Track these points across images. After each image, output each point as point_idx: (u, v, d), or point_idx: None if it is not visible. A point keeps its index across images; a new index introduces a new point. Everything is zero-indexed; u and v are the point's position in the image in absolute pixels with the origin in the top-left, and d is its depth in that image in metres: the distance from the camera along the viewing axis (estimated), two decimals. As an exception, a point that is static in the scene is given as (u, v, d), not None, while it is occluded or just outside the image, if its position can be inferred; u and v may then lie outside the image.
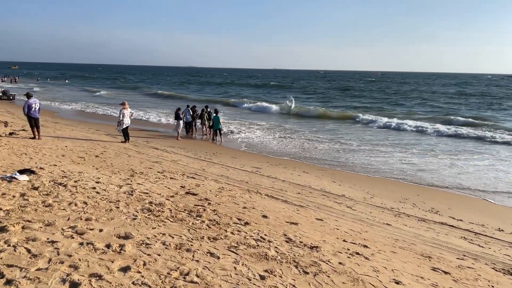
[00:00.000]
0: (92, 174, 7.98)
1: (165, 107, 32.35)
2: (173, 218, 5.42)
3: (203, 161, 12.43)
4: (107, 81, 79.82)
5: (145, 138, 16.64)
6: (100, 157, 10.54)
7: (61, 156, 9.92)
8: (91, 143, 13.15)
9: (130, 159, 10.95)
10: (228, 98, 43.34)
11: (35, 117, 12.29)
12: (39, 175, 7.02)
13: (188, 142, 17.41)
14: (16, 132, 12.86)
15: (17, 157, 8.73)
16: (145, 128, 20.50)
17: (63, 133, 15.03)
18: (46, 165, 8.22)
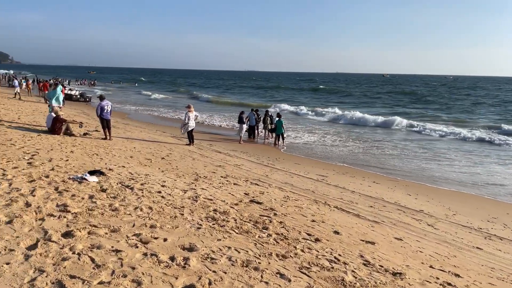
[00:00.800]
0: (158, 177, 7.94)
1: (226, 111, 32.71)
2: (239, 230, 5.07)
3: (266, 166, 12.08)
4: (171, 85, 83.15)
5: (208, 141, 16.71)
6: (166, 160, 10.60)
7: (129, 157, 10.10)
8: (157, 145, 13.39)
9: (194, 162, 10.91)
10: (277, 103, 42.72)
11: (107, 119, 12.76)
12: (108, 177, 7.07)
13: (250, 146, 17.21)
14: (90, 133, 13.46)
15: (88, 157, 8.98)
16: (208, 131, 20.67)
17: (132, 134, 15.53)
18: (115, 166, 8.34)
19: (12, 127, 12.23)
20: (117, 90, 59.32)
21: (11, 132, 11.06)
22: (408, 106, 43.71)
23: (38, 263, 3.37)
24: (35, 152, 8.54)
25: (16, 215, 4.44)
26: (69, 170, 7.27)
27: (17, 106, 20.64)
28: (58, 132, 11.97)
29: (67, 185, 6.12)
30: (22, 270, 3.21)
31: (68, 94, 32.50)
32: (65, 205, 5.06)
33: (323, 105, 40.46)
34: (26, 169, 6.79)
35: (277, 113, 19.19)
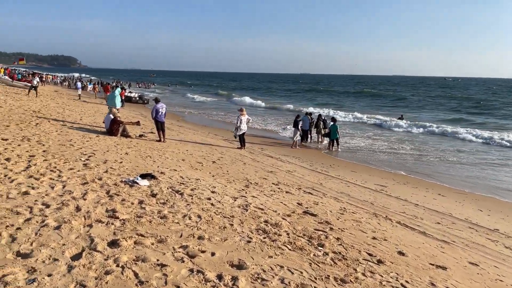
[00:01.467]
0: (209, 182, 7.74)
1: (277, 115, 32.36)
2: (292, 245, 4.66)
3: (319, 173, 11.53)
4: (223, 88, 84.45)
5: (260, 145, 16.44)
6: (217, 163, 10.44)
7: (181, 160, 10.06)
8: (209, 148, 13.34)
9: (245, 167, 10.65)
10: (329, 107, 41.41)
11: (161, 121, 12.91)
12: (159, 181, 6.97)
13: (302, 151, 16.69)
14: (145, 135, 13.71)
15: (142, 160, 9.02)
16: (260, 135, 20.41)
17: (186, 137, 15.66)
18: (167, 170, 8.27)
19: (74, 128, 12.75)
20: (171, 92, 61.30)
21: (72, 133, 11.50)
22: (470, 111, 40.67)
23: (81, 276, 3.19)
24: (92, 153, 8.71)
25: (65, 220, 4.37)
26: (122, 172, 7.27)
27: (81, 107, 21.74)
28: (115, 133, 12.28)
29: (119, 189, 6.07)
30: (63, 284, 3.04)
31: (127, 96, 33.92)
32: (114, 210, 4.95)
33: (378, 110, 38.85)
34: (81, 171, 6.87)
35: (331, 117, 18.55)
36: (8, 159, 7.01)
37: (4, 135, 9.44)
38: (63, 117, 15.47)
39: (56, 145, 9.17)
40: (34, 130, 10.90)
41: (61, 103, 22.27)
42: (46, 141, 9.39)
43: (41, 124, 12.28)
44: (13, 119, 12.60)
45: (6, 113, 13.88)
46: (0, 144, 8.31)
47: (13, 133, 9.92)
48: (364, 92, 70.42)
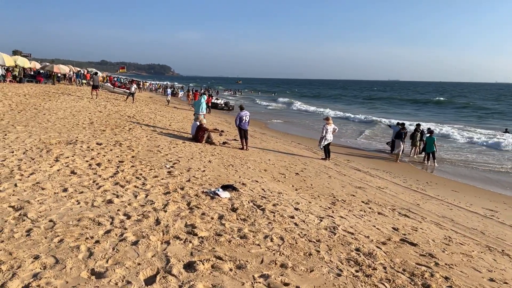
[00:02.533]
0: (292, 196, 7.23)
1: (365, 124, 30.71)
2: (390, 284, 3.91)
3: (415, 192, 10.34)
4: (310, 97, 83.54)
5: (346, 156, 15.51)
6: (300, 175, 9.90)
7: (263, 170, 9.71)
8: (292, 157, 12.85)
9: (330, 181, 9.94)
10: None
11: (244, 129, 12.77)
12: (240, 193, 6.64)
13: (394, 164, 15.36)
14: (229, 142, 13.70)
15: (224, 169, 8.84)
16: (345, 145, 19.36)
17: (268, 145, 15.38)
18: (248, 181, 7.95)
19: (163, 134, 13.19)
20: (254, 99, 62.27)
21: (160, 139, 11.85)
22: None
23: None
24: (177, 160, 8.75)
25: (144, 234, 4.17)
26: (204, 182, 7.09)
27: (171, 113, 22.80)
28: (200, 140, 12.41)
29: (199, 200, 5.83)
30: (132, 315, 2.74)
31: (214, 103, 35.07)
32: (193, 225, 4.67)
33: (471, 122, 34.93)
34: (165, 179, 6.82)
35: (428, 129, 16.84)
36: (99, 164, 7.25)
37: (99, 139, 9.99)
38: (154, 122, 16.21)
39: (145, 150, 9.42)
40: (127, 135, 11.43)
41: (154, 109, 23.60)
42: (136, 147, 9.71)
43: (133, 129, 12.91)
44: (110, 124, 13.44)
45: (105, 118, 14.91)
46: (95, 148, 8.73)
47: (108, 138, 10.47)
48: (446, 102, 63.82)
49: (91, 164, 7.17)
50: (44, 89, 25.80)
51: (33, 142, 8.62)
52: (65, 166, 6.76)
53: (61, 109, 16.10)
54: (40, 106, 16.10)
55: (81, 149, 8.45)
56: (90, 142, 9.49)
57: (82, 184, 5.80)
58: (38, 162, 6.82)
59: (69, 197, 5.10)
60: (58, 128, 11.12)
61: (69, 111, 15.53)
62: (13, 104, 15.68)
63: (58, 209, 4.64)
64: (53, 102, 18.45)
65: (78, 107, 17.75)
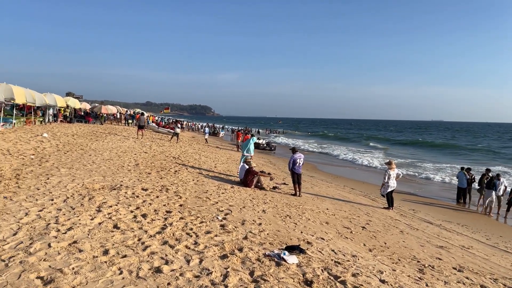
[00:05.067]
0: (369, 261, 5.94)
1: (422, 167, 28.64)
2: None
3: (506, 252, 8.66)
4: (356, 137, 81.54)
5: (409, 204, 13.91)
6: (368, 230, 8.56)
7: (325, 223, 8.48)
8: (351, 206, 11.50)
9: (404, 237, 8.51)
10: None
11: (298, 173, 11.69)
12: (308, 257, 5.45)
13: (464, 215, 13.55)
14: (279, 186, 12.62)
15: (281, 221, 7.71)
16: (405, 190, 17.56)
17: (320, 190, 14.13)
18: (313, 238, 6.76)
19: (209, 176, 12.35)
20: (299, 140, 61.29)
21: (208, 182, 10.98)
22: None
23: None
24: (228, 210, 7.74)
25: (203, 328, 3.10)
26: (264, 240, 5.98)
27: (214, 153, 22.20)
28: (249, 184, 11.43)
29: (264, 268, 4.71)
30: None
31: (256, 143, 34.41)
32: (264, 311, 3.54)
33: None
34: (219, 236, 5.79)
35: (496, 175, 15.00)
36: (144, 215, 6.37)
37: (145, 184, 9.24)
38: (199, 164, 15.50)
39: (193, 197, 8.52)
40: (173, 179, 10.66)
41: (198, 149, 23.14)
42: (183, 193, 8.84)
43: (179, 172, 12.17)
44: (155, 166, 12.81)
45: (150, 159, 14.38)
46: (140, 195, 7.93)
47: (153, 182, 9.72)
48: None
49: (136, 215, 6.30)
50: (92, 129, 26.24)
51: (76, 188, 7.96)
52: (108, 218, 5.92)
53: (107, 149, 15.83)
54: (87, 147, 15.92)
55: (126, 196, 7.66)
56: (135, 187, 8.74)
57: (125, 243, 4.88)
58: (78, 213, 6.03)
59: (110, 263, 4.16)
60: (102, 170, 10.55)
61: (114, 152, 15.18)
62: (60, 144, 15.58)
63: (96, 281, 3.70)
64: (100, 142, 18.35)
65: (124, 147, 17.48)
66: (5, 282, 3.42)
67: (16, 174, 8.72)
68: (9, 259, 4.00)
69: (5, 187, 7.38)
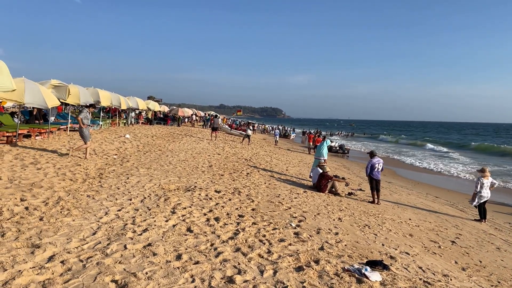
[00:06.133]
0: (463, 282, 5.19)
1: None
2: None
3: None
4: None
5: (505, 217, 12.34)
6: (458, 245, 7.63)
7: (408, 235, 7.72)
8: (436, 217, 10.46)
9: (501, 255, 7.45)
10: None
11: (376, 179, 10.92)
12: (393, 274, 4.89)
13: None
14: (355, 192, 11.95)
15: (360, 231, 7.15)
16: (502, 202, 15.53)
17: (400, 198, 13.13)
18: (396, 252, 6.13)
19: (281, 180, 12.08)
20: (370, 142, 58.70)
21: (280, 186, 10.71)
22: None
23: None
24: (302, 216, 7.38)
25: None
26: (342, 252, 5.52)
27: (285, 156, 21.92)
28: (323, 190, 10.94)
29: (343, 285, 4.28)
30: None
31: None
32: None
33: None
34: (293, 245, 5.45)
35: None
36: (217, 218, 6.26)
37: (218, 186, 9.23)
38: (271, 166, 15.32)
39: (265, 201, 8.29)
40: (245, 181, 10.56)
41: (269, 151, 23.05)
42: (255, 196, 8.66)
43: (251, 174, 12.07)
44: (228, 168, 12.87)
45: (223, 161, 14.52)
46: (213, 197, 7.89)
47: (226, 184, 9.68)
48: None
49: (209, 218, 6.22)
50: (169, 131, 27.49)
51: (153, 188, 8.16)
52: (182, 221, 5.90)
53: (182, 150, 16.34)
54: (164, 148, 16.58)
55: (199, 198, 7.67)
56: (208, 188, 8.75)
57: (198, 248, 4.76)
58: (154, 214, 6.10)
59: (183, 270, 4.04)
60: (178, 171, 10.80)
61: (190, 153, 15.60)
62: (140, 145, 16.42)
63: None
64: (176, 144, 19.06)
65: (198, 148, 17.95)
66: (81, 284, 3.44)
67: (100, 173, 9.23)
68: (87, 259, 4.06)
69: (89, 185, 7.79)
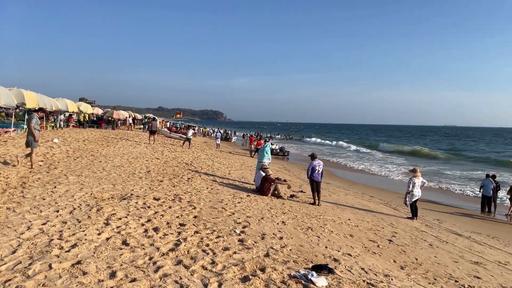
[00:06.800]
0: (404, 281, 5.33)
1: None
2: None
3: (548, 269, 7.91)
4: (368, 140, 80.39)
5: (433, 214, 13.18)
6: (396, 244, 7.93)
7: (349, 236, 7.87)
8: (373, 216, 10.85)
9: (435, 251, 7.86)
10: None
11: (317, 181, 11.10)
12: (338, 278, 4.87)
13: (490, 225, 12.77)
14: (296, 195, 12.05)
15: (303, 234, 7.14)
16: (429, 199, 16.56)
17: (339, 198, 13.50)
18: (339, 254, 6.17)
19: (224, 184, 11.84)
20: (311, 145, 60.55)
21: (222, 191, 10.47)
22: None
23: None
24: (246, 222, 7.19)
25: None
26: (287, 258, 5.41)
27: (227, 159, 21.70)
28: (266, 193, 10.88)
29: (290, 293, 4.16)
30: None
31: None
32: None
33: None
34: (238, 253, 5.24)
35: None
36: (156, 229, 5.86)
37: (157, 193, 8.75)
38: (213, 170, 15.01)
39: (207, 207, 8.00)
40: (186, 187, 10.17)
41: (210, 154, 22.68)
42: (197, 202, 8.34)
43: (192, 179, 11.69)
44: (167, 173, 12.36)
45: (162, 166, 13.94)
46: (152, 205, 7.43)
47: (166, 190, 9.24)
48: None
49: (147, 229, 5.80)
50: (103, 134, 26.00)
51: (84, 197, 7.50)
52: (116, 233, 5.43)
53: (118, 155, 15.45)
54: (97, 153, 15.56)
55: (136, 207, 7.17)
56: (146, 196, 8.26)
57: (135, 263, 4.36)
58: (84, 227, 5.55)
59: (117, 290, 3.65)
60: (113, 178, 10.12)
61: (125, 158, 14.79)
62: (70, 150, 15.24)
63: (100, 313, 3.18)
64: (111, 148, 18.01)
65: (135, 153, 17.10)
66: (-6, 316, 2.94)
67: (22, 182, 8.33)
68: (5, 283, 3.52)
69: (10, 196, 6.97)
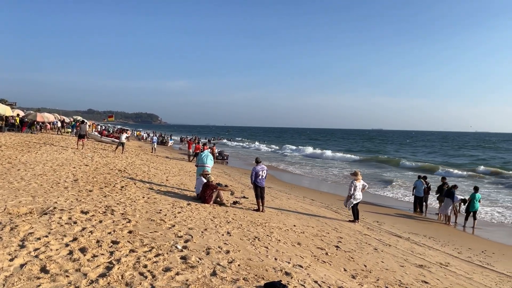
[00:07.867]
0: (359, 293, 5.08)
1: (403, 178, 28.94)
2: None
3: (482, 268, 8.28)
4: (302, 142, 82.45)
5: (372, 215, 13.47)
6: (342, 250, 7.78)
7: (296, 244, 7.56)
8: (317, 221, 10.74)
9: (380, 256, 7.83)
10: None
11: (261, 186, 10.72)
12: (293, 295, 4.47)
13: (425, 225, 13.34)
14: (239, 201, 11.58)
15: (251, 245, 6.68)
16: (367, 201, 16.89)
17: (282, 203, 13.28)
18: (290, 266, 5.80)
19: (161, 192, 11.01)
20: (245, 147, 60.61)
21: (160, 200, 9.68)
22: None
23: None
24: (188, 234, 6.56)
25: None
26: (236, 274, 4.90)
27: (165, 164, 20.68)
28: (208, 200, 10.27)
29: (244, 320, 3.66)
30: None
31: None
32: None
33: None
34: (181, 274, 4.61)
35: (474, 187, 14.31)
36: (83, 249, 5.02)
37: (85, 205, 7.76)
38: (149, 177, 14.05)
39: (144, 220, 7.22)
40: (119, 197, 9.23)
41: (146, 159, 21.45)
42: (132, 214, 7.51)
43: (126, 188, 10.72)
44: (98, 181, 11.24)
45: (91, 173, 12.71)
46: (78, 220, 6.50)
47: (96, 202, 8.26)
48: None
49: (72, 250, 4.94)
50: (25, 139, 23.55)
51: (-6, 213, 6.36)
52: (34, 257, 4.53)
53: (40, 162, 13.87)
54: (16, 159, 13.85)
55: (60, 223, 6.21)
56: (72, 209, 7.25)
57: (55, 297, 3.58)
58: (-8, 252, 4.58)
59: (30, 337, 2.89)
60: (32, 189, 8.88)
61: (49, 165, 13.29)
62: (-17, 157, 13.40)
63: None
64: (32, 154, 16.20)
65: (61, 159, 15.52)
66: None
67: None
68: None
69: None
